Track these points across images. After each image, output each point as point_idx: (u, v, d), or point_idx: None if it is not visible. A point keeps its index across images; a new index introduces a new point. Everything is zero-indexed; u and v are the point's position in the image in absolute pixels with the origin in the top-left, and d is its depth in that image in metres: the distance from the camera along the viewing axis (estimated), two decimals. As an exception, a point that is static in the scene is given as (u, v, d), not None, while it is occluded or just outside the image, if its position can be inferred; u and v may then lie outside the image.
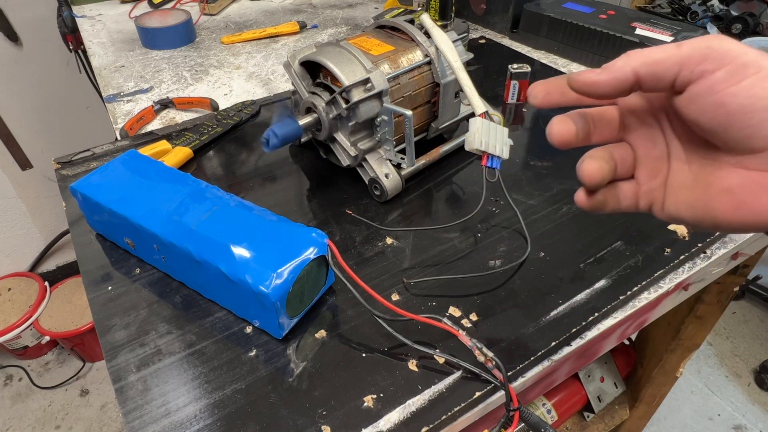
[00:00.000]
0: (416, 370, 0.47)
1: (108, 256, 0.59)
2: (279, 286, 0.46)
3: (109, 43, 1.12)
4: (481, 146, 0.58)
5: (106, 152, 0.75)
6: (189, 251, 0.49)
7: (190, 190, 0.55)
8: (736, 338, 1.81)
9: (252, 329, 0.51)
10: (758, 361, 1.71)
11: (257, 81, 0.97)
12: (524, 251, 0.59)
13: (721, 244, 0.62)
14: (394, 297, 0.54)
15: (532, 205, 0.66)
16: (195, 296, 0.54)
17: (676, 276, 0.58)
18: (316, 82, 0.66)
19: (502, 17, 1.14)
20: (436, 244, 0.60)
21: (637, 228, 0.62)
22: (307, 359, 0.48)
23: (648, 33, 0.93)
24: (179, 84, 0.95)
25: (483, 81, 0.94)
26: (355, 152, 0.64)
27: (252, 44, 1.12)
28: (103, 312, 0.52)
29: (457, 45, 0.67)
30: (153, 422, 0.43)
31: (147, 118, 0.83)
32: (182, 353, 0.48)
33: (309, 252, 0.48)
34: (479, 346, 0.46)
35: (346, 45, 0.64)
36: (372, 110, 0.62)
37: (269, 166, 0.73)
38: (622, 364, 1.23)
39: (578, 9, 1.04)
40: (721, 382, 1.68)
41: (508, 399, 0.45)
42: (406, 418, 0.44)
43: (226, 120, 0.81)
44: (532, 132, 0.80)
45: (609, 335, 0.58)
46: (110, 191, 0.56)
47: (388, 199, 0.66)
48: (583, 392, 1.17)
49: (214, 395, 0.45)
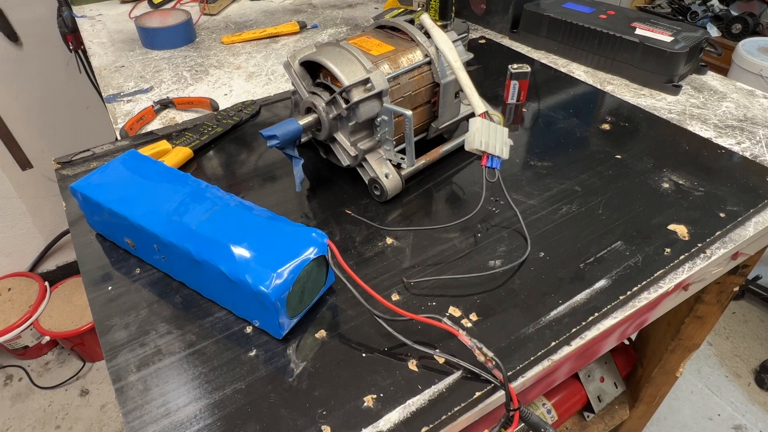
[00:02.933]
0: (416, 370, 0.47)
1: (108, 256, 0.59)
2: (279, 286, 0.46)
3: (109, 43, 1.12)
4: (481, 146, 0.59)
5: (106, 152, 0.75)
6: (189, 251, 0.49)
7: (190, 190, 0.55)
8: (736, 338, 1.81)
9: (252, 329, 0.51)
10: (758, 361, 1.71)
11: (257, 81, 0.97)
12: (524, 251, 0.59)
13: (721, 244, 0.62)
14: (394, 297, 0.54)
15: (532, 205, 0.66)
16: (195, 296, 0.54)
17: (676, 276, 0.58)
18: (316, 82, 0.66)
19: (502, 17, 1.14)
20: (436, 244, 0.60)
21: (637, 228, 0.62)
22: (307, 359, 0.48)
23: (648, 33, 0.93)
24: (179, 84, 0.95)
25: (483, 81, 0.94)
26: (355, 152, 0.64)
27: (252, 44, 1.12)
28: (103, 312, 0.52)
29: (457, 45, 0.67)
30: (153, 422, 0.43)
31: (147, 118, 0.83)
32: (182, 353, 0.48)
33: (309, 252, 0.48)
34: (479, 346, 0.46)
35: (346, 45, 0.64)
36: (372, 110, 0.62)
37: (269, 166, 0.73)
38: (622, 364, 1.23)
39: (578, 9, 1.04)
40: (721, 382, 1.68)
41: (508, 399, 0.45)
42: (406, 418, 0.44)
43: (226, 120, 0.81)
44: (532, 132, 0.80)
45: (609, 335, 0.58)
46: (110, 191, 0.56)
47: (388, 199, 0.66)
48: (583, 392, 1.17)
49: (214, 395, 0.45)
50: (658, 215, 0.64)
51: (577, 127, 0.81)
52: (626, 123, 0.82)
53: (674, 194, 0.68)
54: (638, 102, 0.89)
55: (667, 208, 0.65)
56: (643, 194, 0.68)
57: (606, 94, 0.92)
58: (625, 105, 0.88)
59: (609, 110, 0.86)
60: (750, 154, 0.76)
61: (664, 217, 0.64)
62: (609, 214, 0.64)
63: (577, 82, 0.95)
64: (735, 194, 0.68)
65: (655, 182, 0.70)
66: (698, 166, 0.73)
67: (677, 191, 0.68)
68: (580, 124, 0.82)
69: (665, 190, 0.68)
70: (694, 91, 0.93)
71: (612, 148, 0.76)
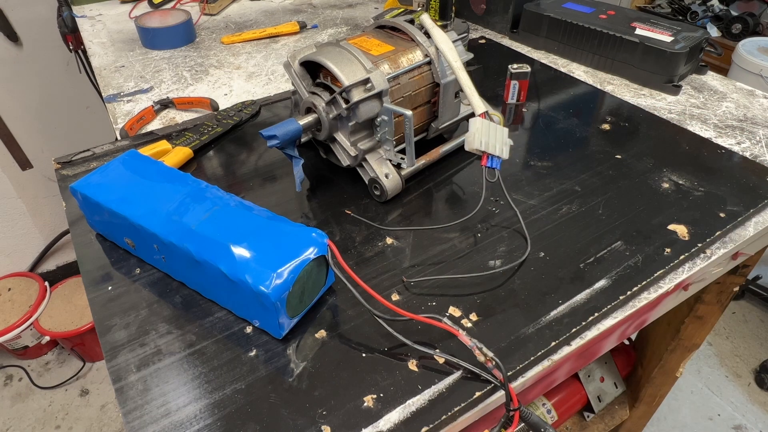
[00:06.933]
0: (416, 370, 0.47)
1: (108, 256, 0.59)
2: (279, 286, 0.46)
3: (109, 43, 1.12)
4: (481, 146, 0.59)
5: (106, 152, 0.75)
6: (189, 251, 0.49)
7: (190, 190, 0.55)
8: (736, 338, 1.81)
9: (252, 329, 0.51)
10: (758, 361, 1.71)
11: (257, 81, 0.97)
12: (524, 251, 0.59)
13: (721, 244, 0.62)
14: (394, 297, 0.54)
15: (532, 205, 0.66)
16: (195, 296, 0.54)
17: (676, 276, 0.58)
18: (316, 82, 0.66)
19: (502, 17, 1.14)
20: (436, 244, 0.60)
21: (637, 228, 0.62)
22: (307, 359, 0.48)
23: (648, 33, 0.93)
24: (179, 84, 0.95)
25: (483, 81, 0.94)
26: (355, 152, 0.64)
27: (252, 44, 1.12)
28: (103, 312, 0.52)
29: (457, 45, 0.67)
30: (153, 422, 0.43)
31: (147, 118, 0.83)
32: (182, 353, 0.48)
33: (309, 252, 0.48)
34: (479, 346, 0.46)
35: (346, 45, 0.64)
36: (372, 110, 0.62)
37: (269, 166, 0.73)
38: (622, 364, 1.23)
39: (578, 9, 1.04)
40: (721, 382, 1.68)
41: (508, 399, 0.45)
42: (406, 418, 0.44)
43: (226, 120, 0.81)
44: (532, 132, 0.80)
45: (609, 335, 0.58)
46: (110, 191, 0.56)
47: (388, 199, 0.66)
48: (583, 392, 1.17)
49: (214, 395, 0.45)
50: (658, 215, 0.64)
51: (577, 127, 0.81)
52: (626, 123, 0.82)
53: (674, 194, 0.68)
54: (638, 102, 0.89)
55: (667, 208, 0.65)
56: (643, 194, 0.68)
57: (606, 94, 0.92)
58: (625, 105, 0.88)
59: (609, 110, 0.86)
60: (750, 154, 0.76)
61: (664, 217, 0.64)
62: (609, 214, 0.64)
63: (577, 82, 0.95)
64: (735, 194, 0.68)
65: (655, 182, 0.70)
66: (698, 166, 0.73)
67: (677, 191, 0.68)
68: (580, 124, 0.82)
69: (665, 190, 0.68)
70: (694, 91, 0.93)
71: (612, 148, 0.76)
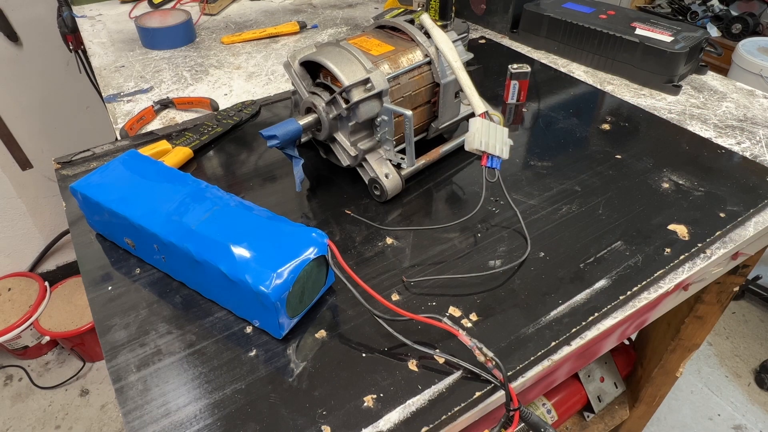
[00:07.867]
0: (416, 370, 0.47)
1: (108, 256, 0.59)
2: (279, 286, 0.46)
3: (109, 43, 1.12)
4: (481, 146, 0.59)
5: (106, 152, 0.75)
6: (189, 251, 0.49)
7: (190, 190, 0.55)
8: (736, 338, 1.81)
9: (252, 329, 0.51)
10: (758, 361, 1.71)
11: (257, 81, 0.97)
12: (524, 251, 0.59)
13: (721, 244, 0.62)
14: (394, 297, 0.54)
15: (532, 205, 0.66)
16: (195, 296, 0.54)
17: (676, 276, 0.58)
18: (316, 82, 0.66)
19: (502, 17, 1.14)
20: (436, 244, 0.60)
21: (637, 228, 0.62)
22: (307, 359, 0.48)
23: (648, 33, 0.93)
24: (179, 84, 0.95)
25: (483, 81, 0.94)
26: (355, 152, 0.64)
27: (252, 44, 1.12)
28: (103, 312, 0.52)
29: (457, 45, 0.67)
30: (153, 422, 0.43)
31: (147, 118, 0.83)
32: (182, 353, 0.48)
33: (309, 252, 0.48)
34: (479, 346, 0.46)
35: (346, 45, 0.64)
36: (372, 110, 0.62)
37: (269, 166, 0.73)
38: (622, 364, 1.23)
39: (578, 9, 1.04)
40: (721, 382, 1.68)
41: (508, 399, 0.45)
42: (406, 418, 0.44)
43: (226, 120, 0.81)
44: (532, 132, 0.80)
45: (609, 335, 0.58)
46: (110, 191, 0.56)
47: (388, 199, 0.66)
48: (583, 392, 1.17)
49: (214, 395, 0.45)
50: (658, 215, 0.64)
51: (577, 127, 0.81)
52: (626, 123, 0.82)
53: (674, 194, 0.68)
54: (638, 102, 0.89)
55: (667, 208, 0.65)
56: (643, 194, 0.68)
57: (606, 94, 0.92)
58: (625, 105, 0.88)
59: (609, 110, 0.86)
60: (750, 154, 0.76)
61: (664, 217, 0.64)
62: (609, 214, 0.64)
63: (577, 82, 0.95)
64: (735, 194, 0.68)
65: (655, 182, 0.70)
66: (698, 166, 0.73)
67: (677, 191, 0.68)
68: (580, 124, 0.82)
69: (665, 190, 0.68)
70: (694, 91, 0.93)
71: (612, 148, 0.76)
